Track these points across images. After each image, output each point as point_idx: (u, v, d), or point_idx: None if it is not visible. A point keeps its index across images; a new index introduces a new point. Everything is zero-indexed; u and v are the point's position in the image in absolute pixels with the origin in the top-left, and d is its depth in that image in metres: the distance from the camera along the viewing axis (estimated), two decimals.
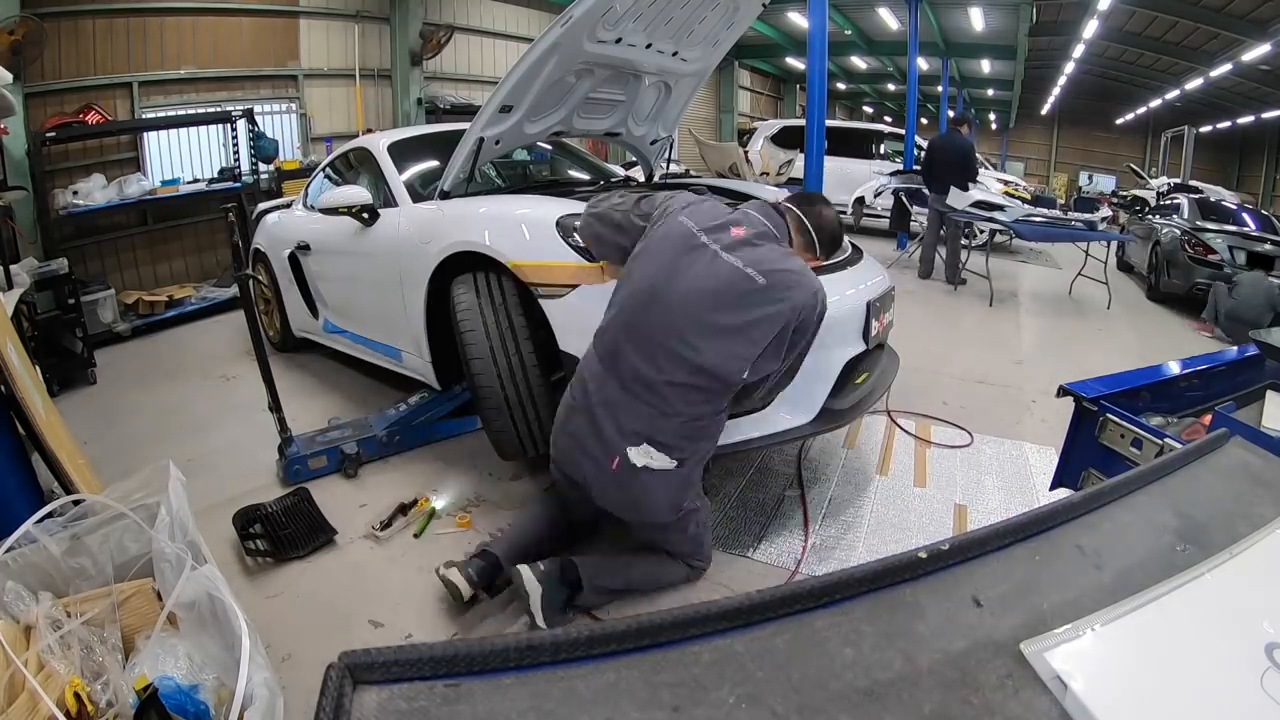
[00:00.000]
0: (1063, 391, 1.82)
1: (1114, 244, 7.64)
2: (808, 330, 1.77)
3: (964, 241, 7.15)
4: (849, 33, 13.74)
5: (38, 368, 2.87)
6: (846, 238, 3.08)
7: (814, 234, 1.89)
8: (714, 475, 2.77)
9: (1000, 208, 7.44)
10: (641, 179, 4.01)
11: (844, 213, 6.83)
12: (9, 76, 2.82)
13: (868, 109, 26.42)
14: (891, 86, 21.16)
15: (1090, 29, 11.86)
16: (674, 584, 2.04)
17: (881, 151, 10.56)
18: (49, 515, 1.69)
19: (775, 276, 1.67)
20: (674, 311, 1.67)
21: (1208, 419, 1.71)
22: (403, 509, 2.53)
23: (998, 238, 7.59)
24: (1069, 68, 16.47)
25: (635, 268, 1.81)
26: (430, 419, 3.08)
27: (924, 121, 19.95)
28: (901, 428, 3.33)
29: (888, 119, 21.73)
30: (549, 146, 3.99)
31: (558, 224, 2.25)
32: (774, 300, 1.65)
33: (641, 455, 1.73)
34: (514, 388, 2.28)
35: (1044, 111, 24.69)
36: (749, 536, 2.40)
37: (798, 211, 1.91)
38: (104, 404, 3.79)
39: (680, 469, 1.79)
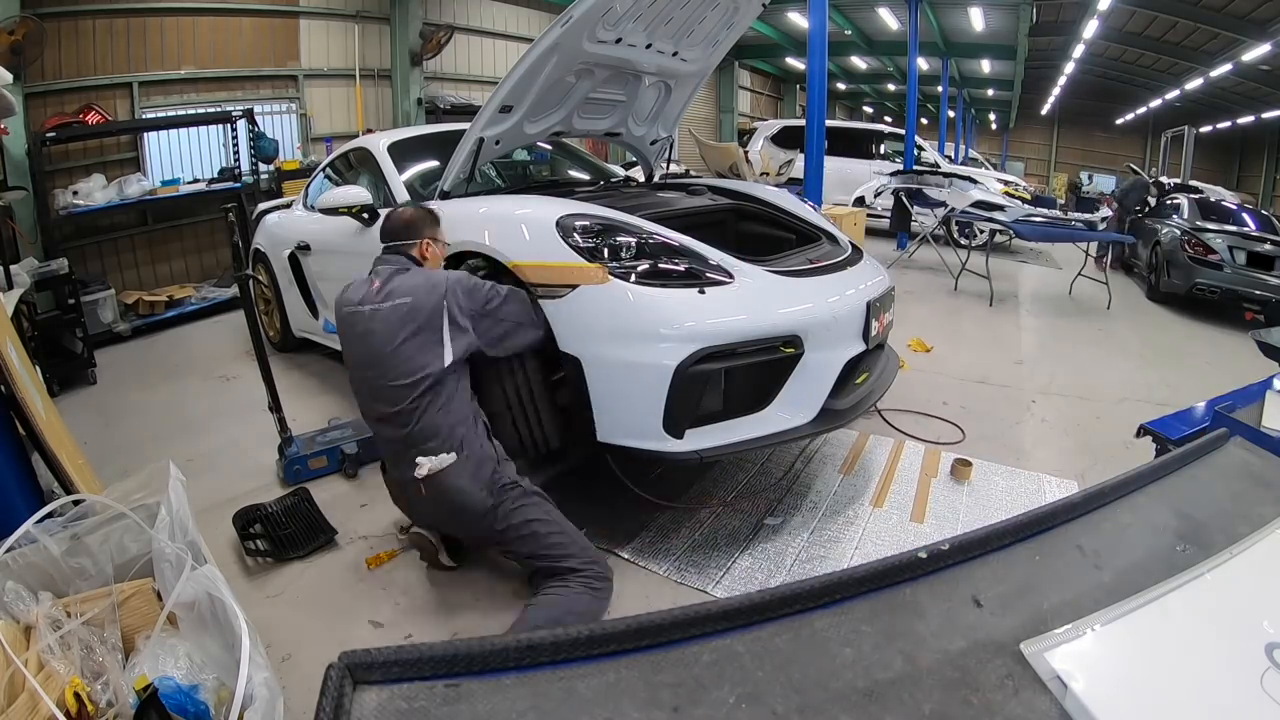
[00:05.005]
0: (1143, 431, 1.67)
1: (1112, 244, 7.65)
2: (464, 297, 2.04)
3: (964, 241, 7.14)
4: (849, 33, 13.73)
5: (38, 368, 2.87)
6: (847, 237, 3.10)
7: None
8: (694, 492, 2.70)
9: (1000, 208, 7.44)
10: (641, 179, 4.01)
11: None
12: (9, 76, 2.82)
13: (868, 109, 26.41)
14: (891, 86, 21.14)
15: (1090, 29, 11.85)
16: (585, 611, 1.89)
17: (882, 151, 10.57)
18: (49, 515, 1.69)
19: (406, 291, 2.05)
20: (378, 364, 2.04)
21: None
22: None
23: (998, 238, 7.58)
24: (1069, 68, 16.46)
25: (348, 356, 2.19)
26: None
27: (924, 121, 19.95)
28: (907, 433, 3.23)
29: (888, 119, 21.72)
30: (549, 146, 3.99)
31: (558, 224, 2.24)
32: (417, 306, 2.02)
33: (425, 465, 1.94)
34: (514, 388, 2.27)
35: (1044, 111, 24.67)
36: (716, 570, 2.23)
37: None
38: (104, 404, 3.79)
39: (462, 456, 1.96)
